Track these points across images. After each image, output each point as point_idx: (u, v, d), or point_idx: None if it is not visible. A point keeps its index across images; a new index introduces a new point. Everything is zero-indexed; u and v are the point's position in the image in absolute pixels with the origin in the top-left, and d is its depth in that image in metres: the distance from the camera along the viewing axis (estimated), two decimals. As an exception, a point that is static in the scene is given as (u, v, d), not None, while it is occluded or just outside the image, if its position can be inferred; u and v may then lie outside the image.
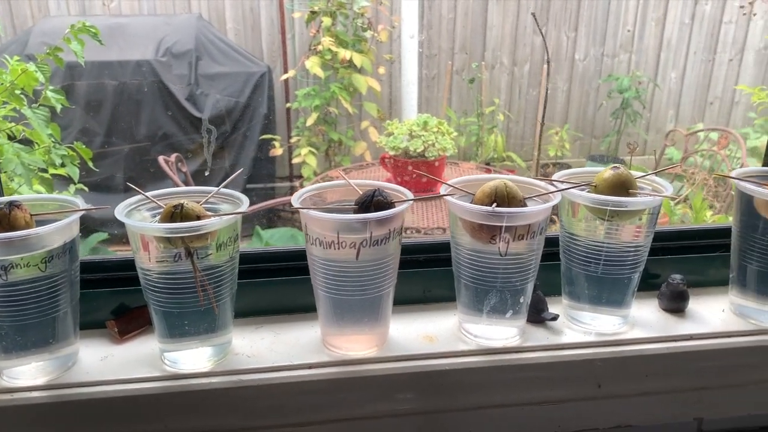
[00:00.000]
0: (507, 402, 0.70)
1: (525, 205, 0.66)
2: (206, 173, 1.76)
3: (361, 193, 0.67)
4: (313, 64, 3.04)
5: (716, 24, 3.78)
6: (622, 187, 0.68)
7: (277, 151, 3.14)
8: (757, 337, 0.74)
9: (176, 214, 0.62)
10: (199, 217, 0.62)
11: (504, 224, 0.64)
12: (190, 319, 0.64)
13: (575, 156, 3.76)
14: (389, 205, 0.65)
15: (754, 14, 3.56)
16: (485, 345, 0.70)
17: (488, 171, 2.92)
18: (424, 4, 3.54)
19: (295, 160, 3.20)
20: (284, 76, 3.26)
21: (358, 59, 3.07)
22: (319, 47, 3.06)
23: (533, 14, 3.42)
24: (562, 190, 0.69)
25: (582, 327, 0.73)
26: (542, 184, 0.70)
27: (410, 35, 3.32)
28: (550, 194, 0.68)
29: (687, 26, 3.79)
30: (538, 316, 0.74)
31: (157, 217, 0.64)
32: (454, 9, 3.60)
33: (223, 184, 0.68)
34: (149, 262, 0.62)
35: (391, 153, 2.44)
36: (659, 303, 0.78)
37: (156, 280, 0.63)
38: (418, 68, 3.45)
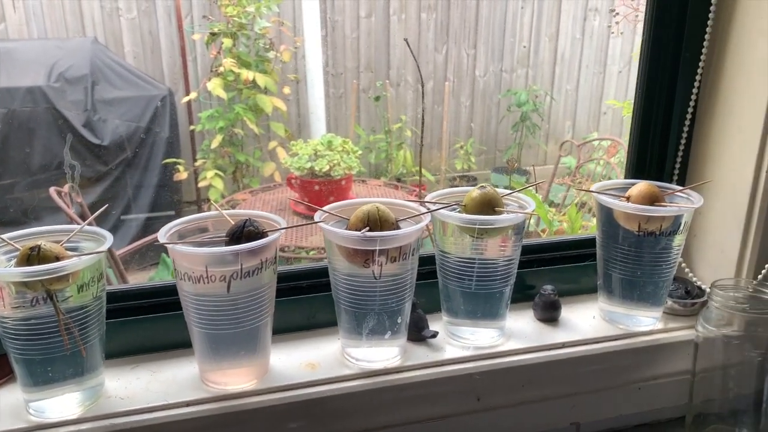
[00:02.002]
0: (390, 423, 0.71)
1: (398, 228, 0.68)
2: (72, 209, 1.69)
3: (233, 223, 0.66)
4: (215, 86, 3.00)
5: (605, 38, 4.02)
6: (489, 205, 0.71)
7: (182, 175, 3.06)
8: (625, 340, 0.78)
9: (33, 256, 0.59)
10: (58, 258, 0.59)
11: (377, 248, 0.65)
12: (55, 364, 0.61)
13: (481, 168, 3.87)
14: (261, 234, 0.64)
15: (621, 33, 3.80)
16: (366, 368, 0.71)
17: (396, 188, 2.96)
18: (327, 24, 3.57)
19: (201, 184, 3.13)
20: (185, 99, 3.19)
21: (261, 80, 3.05)
22: (221, 69, 3.03)
23: (405, 40, 3.51)
24: (433, 211, 0.71)
25: (461, 342, 0.75)
26: (414, 205, 0.71)
27: (313, 57, 3.34)
28: (421, 215, 0.70)
29: (578, 41, 4.00)
30: (418, 334, 0.75)
31: (14, 261, 0.61)
32: (357, 29, 3.65)
33: (87, 221, 0.65)
34: (4, 308, 0.59)
35: (297, 173, 2.44)
36: (534, 313, 0.82)
37: (13, 327, 0.59)
38: (324, 87, 3.47)
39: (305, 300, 0.78)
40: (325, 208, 0.71)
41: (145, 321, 0.72)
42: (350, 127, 3.63)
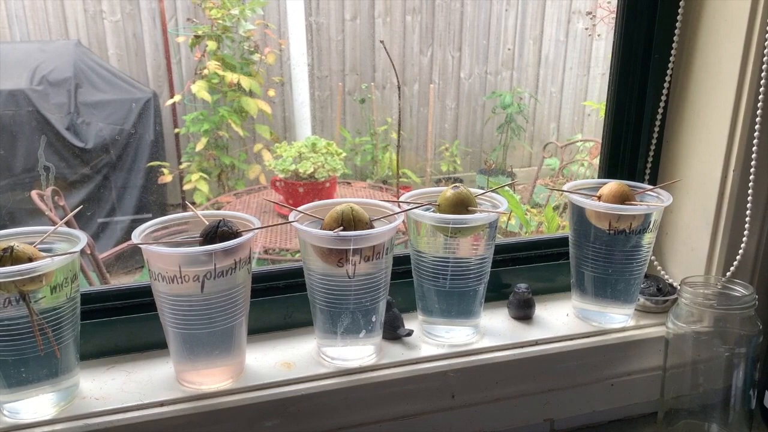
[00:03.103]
0: (365, 420, 0.71)
1: (372, 227, 0.69)
2: (46, 212, 1.68)
3: (207, 223, 0.66)
4: (199, 89, 2.99)
5: (588, 41, 4.05)
6: (462, 204, 0.72)
7: (166, 178, 3.05)
8: (598, 337, 0.79)
9: (6, 257, 0.59)
10: (31, 259, 0.60)
11: (351, 247, 0.66)
12: (29, 365, 0.61)
13: (467, 170, 3.89)
14: (235, 234, 0.65)
15: (599, 35, 3.84)
16: (342, 366, 0.71)
17: (382, 190, 2.97)
18: (312, 27, 3.58)
19: (186, 187, 3.12)
20: (170, 101, 3.18)
21: (246, 82, 3.05)
22: (205, 71, 3.02)
23: (382, 42, 3.53)
24: (406, 210, 0.71)
25: (435, 340, 0.76)
26: (387, 205, 0.72)
27: (298, 59, 3.34)
28: (395, 215, 0.71)
29: (562, 44, 4.03)
30: (394, 332, 0.76)
31: (-13, 262, 0.61)
32: (342, 31, 3.65)
33: (61, 222, 0.66)
34: (-24, 309, 0.59)
35: (282, 175, 2.44)
36: (509, 311, 0.83)
37: (-14, 328, 0.60)
38: (309, 90, 3.47)
39: (282, 300, 0.79)
40: (299, 209, 0.71)
41: (121, 322, 0.73)
42: (336, 130, 3.63)
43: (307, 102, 3.46)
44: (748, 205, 0.77)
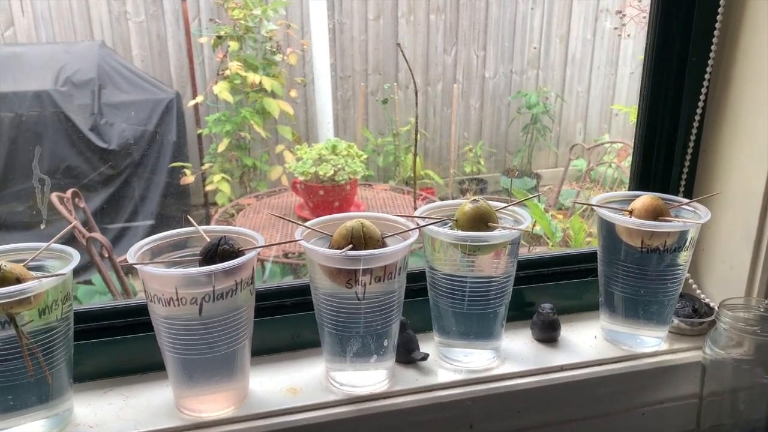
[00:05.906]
0: (376, 452, 0.67)
1: (384, 245, 0.64)
2: (42, 226, 1.66)
3: (209, 240, 0.63)
4: (221, 89, 2.98)
5: (616, 40, 3.95)
6: (481, 220, 0.67)
7: (189, 179, 3.04)
8: (628, 362, 0.74)
9: (-7, 278, 0.56)
10: (19, 280, 0.56)
11: (361, 267, 0.61)
12: (18, 391, 0.58)
13: (491, 171, 3.82)
14: (236, 253, 0.61)
15: (628, 35, 3.74)
16: (351, 393, 0.67)
17: (404, 192, 2.92)
18: (335, 27, 3.54)
19: (208, 188, 3.11)
20: (192, 102, 3.17)
21: (268, 83, 3.03)
22: (227, 72, 3.01)
23: (398, 44, 3.47)
24: (421, 227, 0.67)
25: (453, 364, 0.71)
26: (402, 220, 0.68)
27: (321, 60, 3.31)
28: (409, 231, 0.66)
29: (589, 42, 3.94)
30: (408, 356, 0.71)
31: (-25, 282, 0.58)
32: (365, 31, 3.61)
33: (53, 240, 0.62)
34: (-39, 333, 0.56)
35: (302, 178, 2.41)
36: (532, 333, 0.77)
37: (-27, 352, 0.56)
38: (331, 90, 3.44)
39: (289, 319, 0.74)
40: (308, 224, 0.67)
41: (120, 342, 0.69)
42: (358, 130, 3.59)
43: (329, 103, 3.42)
44: (795, 221, 0.71)
